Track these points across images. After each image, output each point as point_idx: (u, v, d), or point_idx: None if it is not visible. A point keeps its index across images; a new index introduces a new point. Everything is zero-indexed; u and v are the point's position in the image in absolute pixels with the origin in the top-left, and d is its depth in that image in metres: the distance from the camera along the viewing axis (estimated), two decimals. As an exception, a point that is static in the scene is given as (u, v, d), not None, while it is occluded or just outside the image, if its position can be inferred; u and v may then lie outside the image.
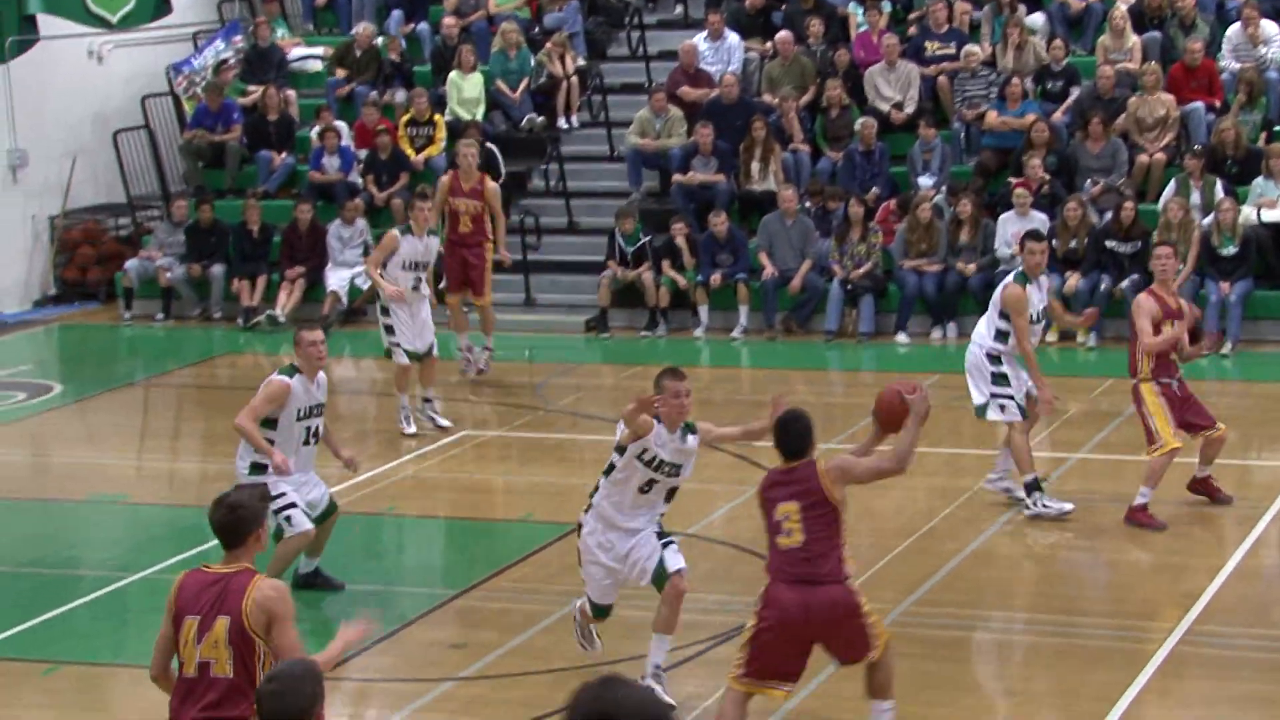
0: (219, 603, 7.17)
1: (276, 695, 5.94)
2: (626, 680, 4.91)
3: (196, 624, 7.17)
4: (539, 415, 17.00)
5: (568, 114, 23.13)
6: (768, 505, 9.14)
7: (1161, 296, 13.30)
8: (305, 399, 11.61)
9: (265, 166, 22.79)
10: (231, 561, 7.30)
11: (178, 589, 7.32)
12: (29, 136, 22.55)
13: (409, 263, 16.11)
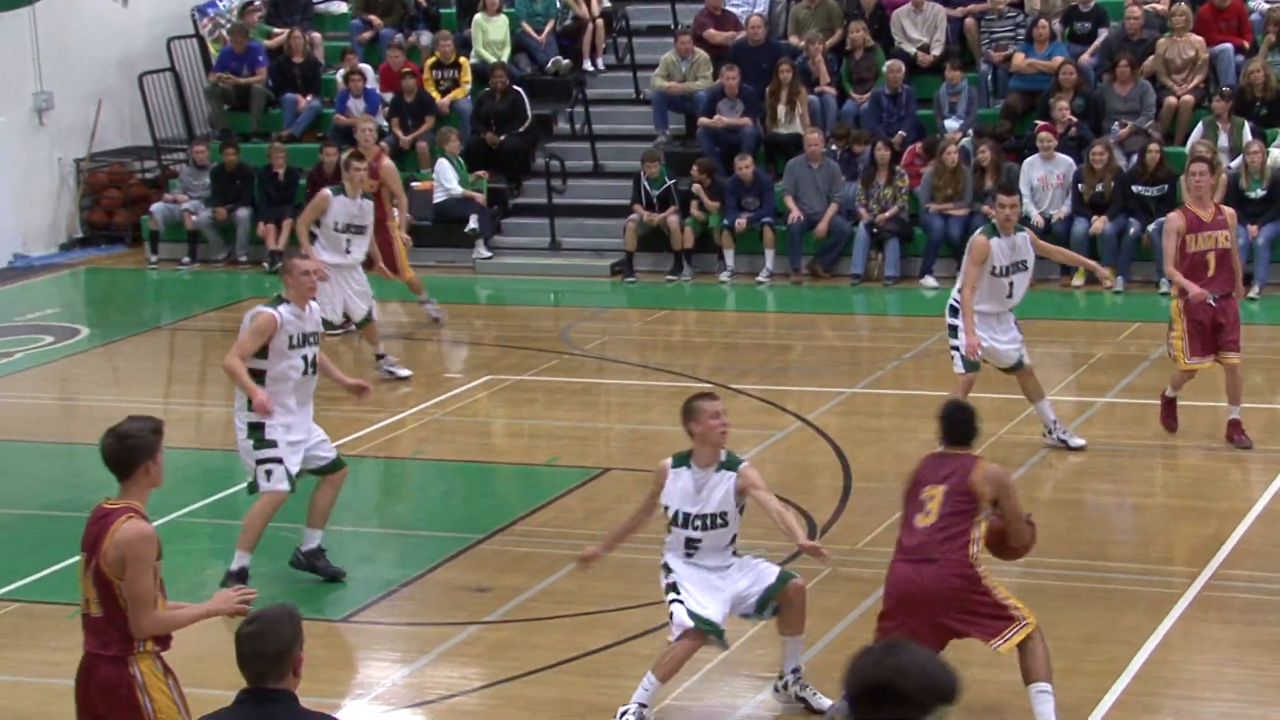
0: (94, 541, 7.18)
1: (255, 636, 5.89)
2: (909, 645, 4.68)
3: (82, 561, 7.21)
4: (564, 359, 17.01)
5: (593, 56, 23.05)
6: (916, 487, 9.00)
7: (1192, 212, 13.37)
8: (297, 326, 11.16)
9: (290, 109, 22.76)
10: (122, 497, 7.27)
11: (86, 523, 7.29)
12: (55, 80, 22.54)
13: (341, 224, 15.76)
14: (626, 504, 12.70)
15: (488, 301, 20.38)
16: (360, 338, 16.72)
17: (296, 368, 11.18)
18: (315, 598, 11.16)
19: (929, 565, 8.83)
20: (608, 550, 9.71)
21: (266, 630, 5.91)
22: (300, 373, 11.19)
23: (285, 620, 5.97)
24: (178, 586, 11.32)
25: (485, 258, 21.24)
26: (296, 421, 11.20)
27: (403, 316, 19.96)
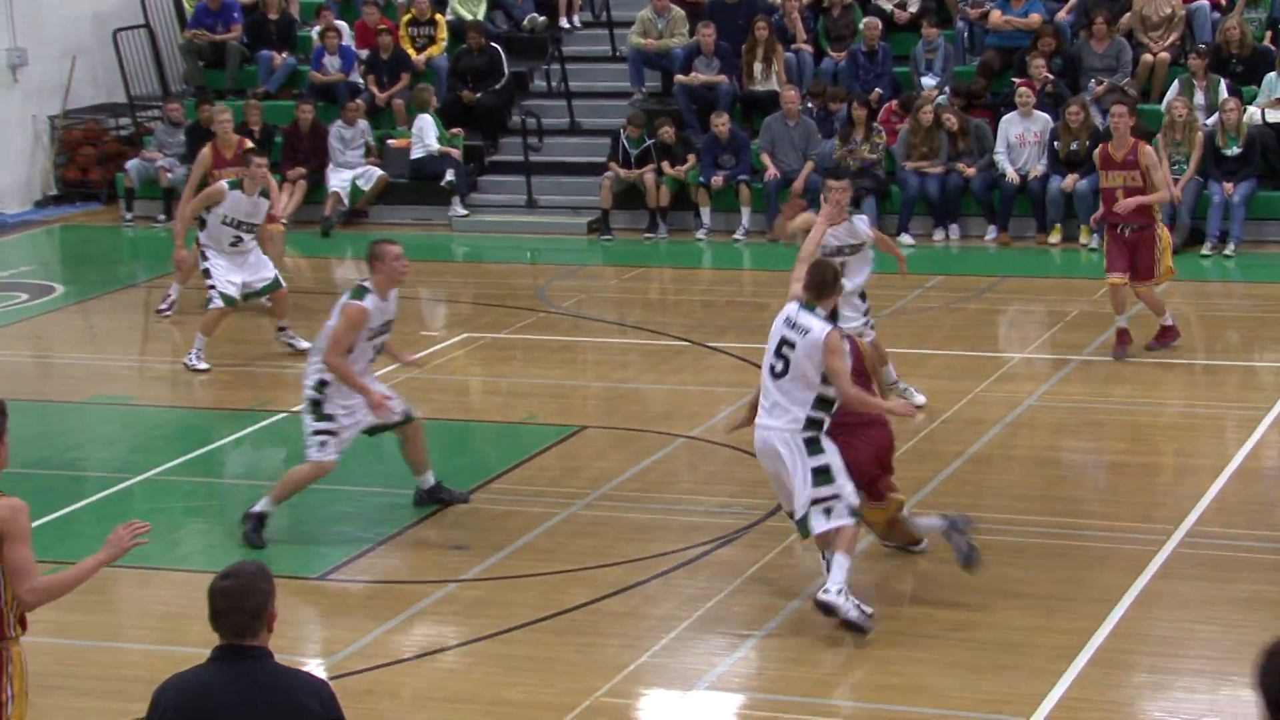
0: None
1: (231, 592, 5.85)
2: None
3: None
4: (541, 317, 17.00)
5: (569, 13, 22.98)
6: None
7: (1106, 150, 14.80)
8: (379, 317, 11.30)
9: (266, 66, 22.67)
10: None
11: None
12: (28, 35, 22.41)
13: (231, 219, 15.16)
14: (604, 461, 12.78)
15: (464, 259, 20.35)
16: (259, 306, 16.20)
17: (367, 354, 11.37)
18: (290, 556, 11.17)
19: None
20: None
21: (243, 586, 5.89)
22: (369, 360, 11.40)
23: (259, 575, 5.95)
24: (151, 545, 11.35)
25: (462, 215, 21.20)
26: (358, 403, 11.31)
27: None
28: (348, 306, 11.23)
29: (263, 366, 15.56)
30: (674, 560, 10.86)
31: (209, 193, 15.27)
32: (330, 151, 21.42)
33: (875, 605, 9.83)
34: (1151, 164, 14.63)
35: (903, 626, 9.85)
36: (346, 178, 21.31)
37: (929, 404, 13.54)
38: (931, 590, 10.34)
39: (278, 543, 11.32)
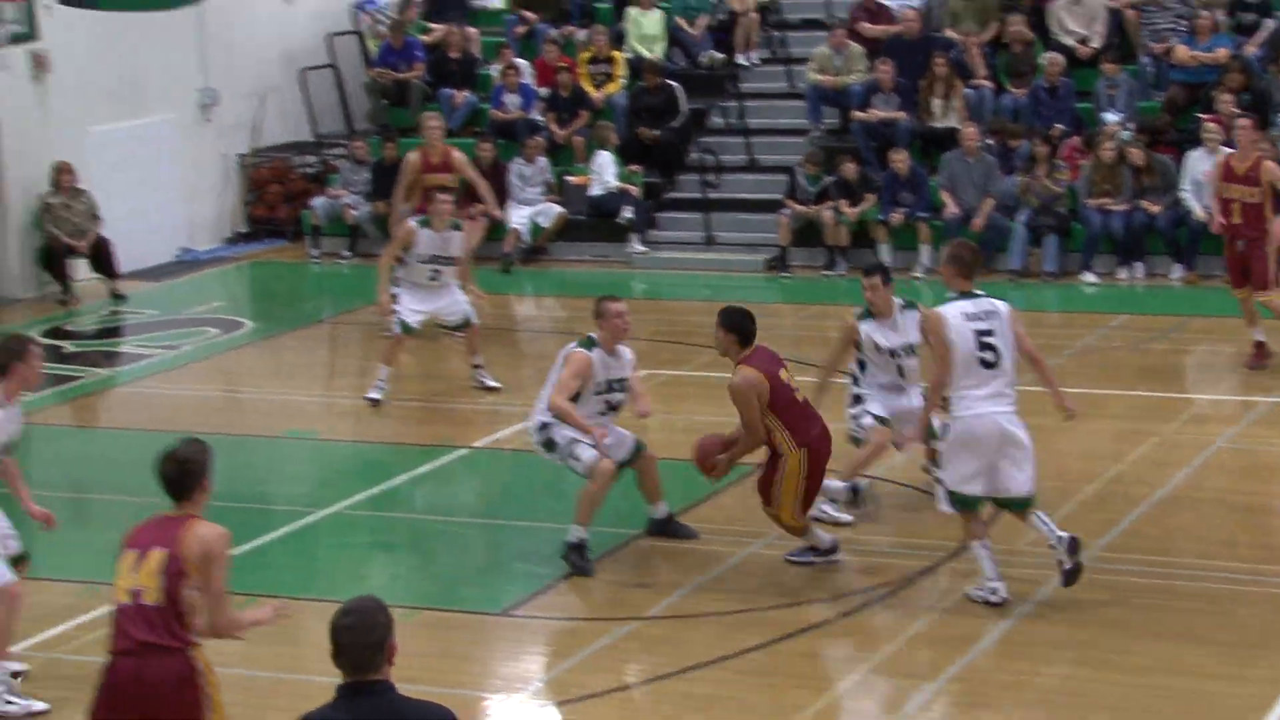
0: (164, 538, 7.33)
1: (353, 629, 5.96)
2: None
3: (134, 555, 7.34)
4: (718, 355, 16.97)
5: (747, 50, 23.04)
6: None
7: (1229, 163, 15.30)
8: (605, 372, 11.46)
9: (447, 104, 22.97)
10: (181, 510, 7.46)
11: (129, 531, 7.49)
12: (219, 76, 22.93)
13: (427, 255, 15.29)
14: (783, 501, 12.72)
15: (642, 296, 20.41)
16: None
17: (594, 407, 11.47)
18: (474, 592, 11.28)
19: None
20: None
21: (364, 621, 6.00)
22: (598, 413, 11.47)
23: (378, 610, 6.05)
24: (337, 579, 11.54)
25: (640, 252, 21.32)
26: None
27: (559, 311, 20.11)
28: (573, 354, 11.43)
29: (450, 402, 15.74)
30: (854, 601, 10.81)
31: (401, 238, 15.44)
32: (510, 188, 21.66)
33: (1065, 651, 9.71)
34: (1275, 179, 15.00)
35: (1090, 674, 9.72)
36: (526, 215, 21.53)
37: (1116, 447, 13.36)
38: (1120, 637, 10.19)
39: (460, 579, 11.43)
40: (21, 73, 19.96)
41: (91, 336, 18.99)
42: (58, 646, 10.58)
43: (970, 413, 10.28)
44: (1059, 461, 13.17)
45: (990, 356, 10.27)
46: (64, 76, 20.67)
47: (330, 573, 11.88)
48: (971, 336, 10.31)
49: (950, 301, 10.56)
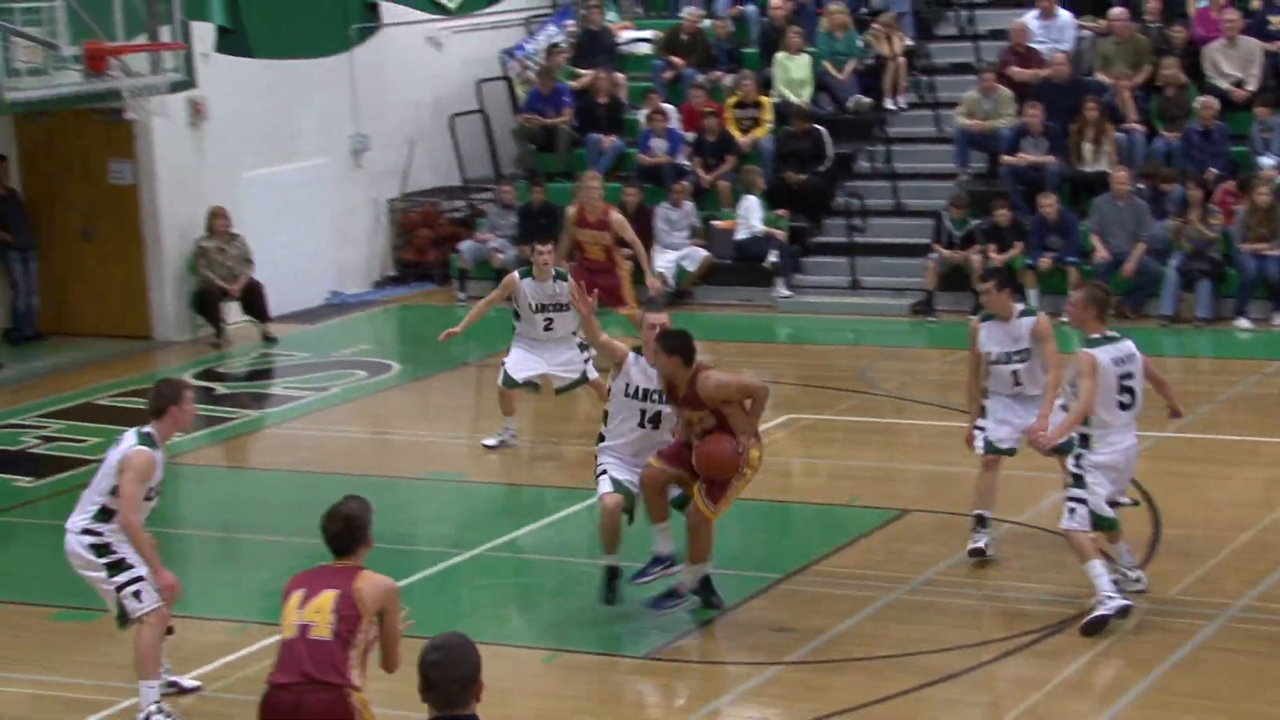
0: (336, 579, 7.64)
1: (443, 664, 6.07)
2: None
3: (302, 595, 7.61)
4: (864, 399, 16.94)
5: (895, 95, 22.98)
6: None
7: None
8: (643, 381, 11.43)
9: (594, 149, 23.12)
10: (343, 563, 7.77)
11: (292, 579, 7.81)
12: (370, 122, 23.25)
13: (536, 304, 15.25)
14: (926, 545, 12.65)
15: (787, 340, 20.41)
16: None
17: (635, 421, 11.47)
18: (616, 635, 11.29)
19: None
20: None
21: (451, 657, 6.11)
22: (637, 424, 11.44)
23: (468, 646, 6.18)
24: (479, 621, 11.60)
25: (785, 296, 21.29)
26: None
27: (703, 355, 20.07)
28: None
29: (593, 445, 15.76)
30: (1001, 648, 10.69)
31: (504, 285, 15.32)
32: (656, 233, 21.74)
33: (1215, 702, 9.52)
34: None
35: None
36: (672, 259, 21.59)
37: (1269, 495, 13.12)
38: (1273, 689, 9.98)
39: (604, 621, 11.45)
40: (179, 119, 20.36)
41: (242, 378, 19.29)
42: (209, 684, 10.72)
43: (1110, 446, 10.85)
44: (1210, 510, 12.97)
45: (1128, 399, 10.86)
46: (220, 123, 21.07)
47: (473, 614, 11.95)
48: (1115, 381, 10.78)
49: (1097, 345, 10.87)
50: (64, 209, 20.97)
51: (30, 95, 13.51)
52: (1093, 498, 10.85)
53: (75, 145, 20.77)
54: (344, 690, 7.50)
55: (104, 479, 9.98)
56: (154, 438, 9.94)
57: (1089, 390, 10.67)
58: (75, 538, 10.05)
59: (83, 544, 10.02)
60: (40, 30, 13.39)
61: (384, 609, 7.64)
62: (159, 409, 9.98)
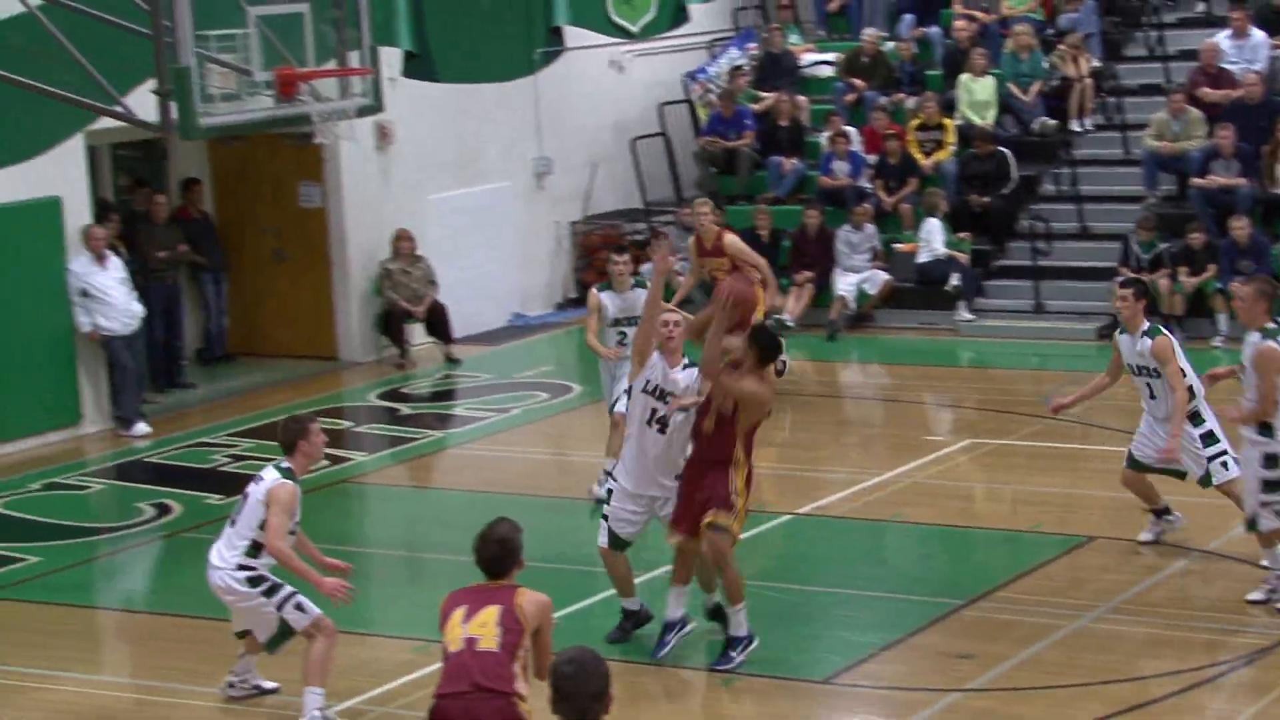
0: (498, 596, 7.85)
1: (576, 677, 6.19)
2: None
3: (465, 611, 7.79)
4: (1048, 424, 16.72)
5: (1081, 116, 22.69)
6: None
7: None
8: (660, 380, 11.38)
9: (776, 172, 23.10)
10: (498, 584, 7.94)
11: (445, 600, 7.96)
12: (553, 145, 23.43)
13: (611, 319, 14.98)
14: (1113, 574, 12.46)
15: (969, 364, 20.22)
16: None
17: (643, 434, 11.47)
18: (794, 660, 11.25)
19: None
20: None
21: (586, 671, 6.23)
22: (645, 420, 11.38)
23: (598, 659, 6.29)
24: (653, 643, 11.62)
25: (968, 320, 21.10)
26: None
27: (884, 378, 20.00)
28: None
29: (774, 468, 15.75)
30: (1191, 679, 10.49)
31: (592, 307, 15.08)
32: (837, 255, 21.66)
33: None
34: None
35: None
36: (853, 281, 21.49)
37: None
38: None
39: (783, 646, 11.40)
40: (366, 143, 20.68)
41: (426, 399, 19.51)
42: (391, 701, 10.85)
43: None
44: None
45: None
46: (406, 146, 21.37)
47: (652, 637, 11.95)
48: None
49: (1275, 336, 11.23)
50: (255, 232, 21.39)
51: (223, 120, 13.73)
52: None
53: (266, 169, 21.19)
54: (512, 699, 7.68)
55: (252, 514, 10.32)
56: (293, 472, 10.30)
57: (1269, 385, 10.98)
58: (229, 574, 10.38)
59: (237, 579, 10.36)
60: (234, 57, 13.64)
61: (541, 625, 7.85)
62: (289, 445, 10.34)
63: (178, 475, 16.35)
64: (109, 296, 17.79)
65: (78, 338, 17.85)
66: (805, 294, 21.65)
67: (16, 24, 15.28)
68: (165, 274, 19.58)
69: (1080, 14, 23.30)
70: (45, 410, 17.73)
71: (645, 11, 24.61)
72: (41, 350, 17.65)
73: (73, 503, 15.87)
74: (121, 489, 16.52)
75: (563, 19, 23.42)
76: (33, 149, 17.62)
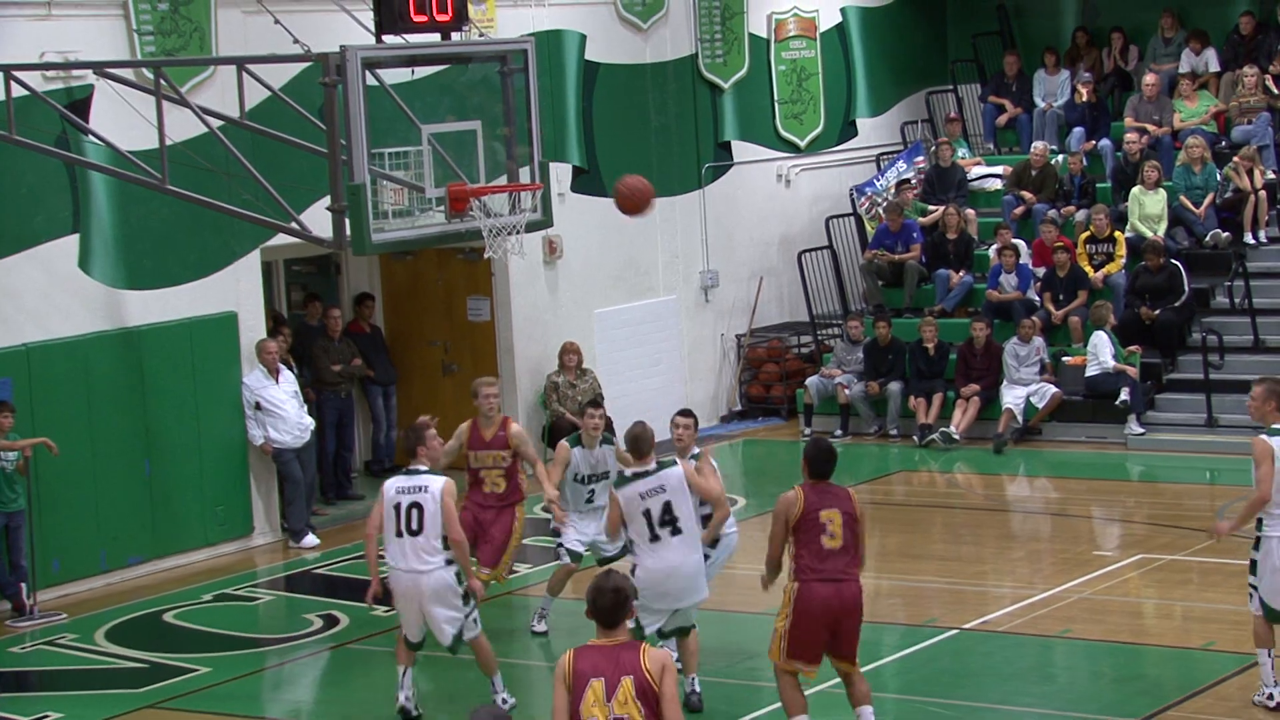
0: (620, 666, 8.06)
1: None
2: None
3: (603, 685, 8.05)
4: (1221, 540, 16.39)
5: (1254, 229, 22.40)
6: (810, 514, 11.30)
7: None
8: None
9: (943, 284, 23.03)
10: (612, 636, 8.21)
11: (572, 660, 8.16)
12: (719, 258, 23.58)
13: (581, 476, 14.48)
14: (1287, 695, 12.14)
15: (1139, 479, 19.93)
16: None
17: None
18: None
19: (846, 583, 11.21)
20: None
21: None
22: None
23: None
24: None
25: (1138, 434, 20.81)
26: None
27: (1052, 492, 19.75)
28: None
29: (940, 581, 15.61)
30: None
31: (557, 458, 14.52)
32: (1005, 368, 21.51)
33: None
34: None
35: None
36: (1021, 394, 21.32)
37: None
38: None
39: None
40: (535, 258, 20.97)
41: (592, 510, 19.54)
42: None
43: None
44: None
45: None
46: (573, 260, 21.62)
47: None
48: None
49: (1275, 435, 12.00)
50: (424, 345, 21.72)
51: (396, 236, 14.02)
52: (1263, 588, 11.81)
53: (436, 283, 21.54)
54: None
55: (437, 516, 12.12)
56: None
57: (1263, 476, 11.56)
58: (443, 572, 12.17)
59: (451, 574, 12.17)
60: (407, 174, 13.94)
61: (666, 677, 8.07)
62: (411, 451, 12.55)
63: (345, 586, 16.55)
64: (281, 410, 18.14)
65: (251, 450, 18.20)
66: (972, 407, 21.51)
67: (198, 144, 15.73)
68: (338, 387, 19.94)
69: (1254, 126, 23.07)
70: (218, 522, 18.08)
71: (814, 126, 24.78)
72: (216, 463, 18.02)
73: (243, 614, 16.13)
74: (290, 600, 16.77)
75: (731, 134, 23.65)
76: (212, 266, 18.10)
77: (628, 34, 22.35)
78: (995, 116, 25.53)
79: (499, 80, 14.32)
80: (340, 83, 13.21)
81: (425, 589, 12.18)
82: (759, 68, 24.01)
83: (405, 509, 12.22)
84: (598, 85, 21.84)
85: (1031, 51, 25.64)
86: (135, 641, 15.28)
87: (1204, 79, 23.95)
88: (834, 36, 25.09)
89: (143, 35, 17.30)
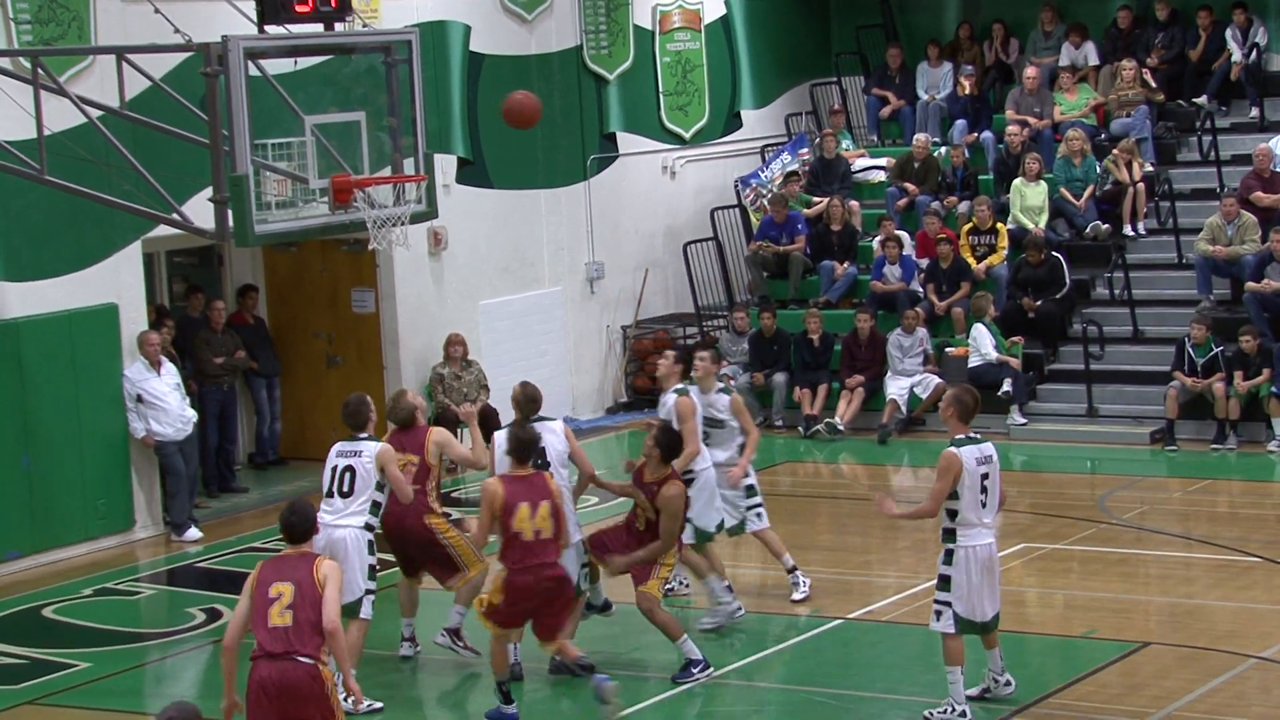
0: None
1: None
2: None
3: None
4: (1101, 528, 16.62)
5: (1134, 221, 22.68)
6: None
7: None
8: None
9: (828, 276, 23.15)
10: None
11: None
12: (605, 249, 23.57)
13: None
14: (1169, 680, 12.32)
15: (1022, 468, 20.12)
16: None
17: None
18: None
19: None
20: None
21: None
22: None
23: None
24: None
25: (1020, 424, 21.03)
26: None
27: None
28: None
29: (824, 572, 15.69)
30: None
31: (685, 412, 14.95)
32: (889, 359, 21.66)
33: None
34: None
35: None
36: (905, 385, 21.48)
37: None
38: None
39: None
40: (419, 249, 20.85)
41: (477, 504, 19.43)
42: None
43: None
44: None
45: (984, 498, 12.14)
46: (458, 251, 21.53)
47: None
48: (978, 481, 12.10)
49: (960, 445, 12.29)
50: (308, 337, 21.55)
51: (279, 227, 13.90)
52: None
53: (320, 275, 21.37)
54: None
55: (370, 478, 12.89)
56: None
57: (939, 491, 11.90)
58: (358, 532, 12.79)
59: (364, 539, 12.79)
60: (290, 165, 13.81)
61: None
62: (361, 425, 13.31)
63: (229, 580, 16.39)
64: (163, 402, 17.94)
65: (132, 443, 17.98)
66: (857, 398, 21.64)
67: (76, 134, 15.50)
68: (220, 379, 19.74)
69: (1133, 119, 23.35)
70: (99, 516, 17.84)
71: (698, 118, 24.82)
72: (96, 456, 17.78)
73: (124, 608, 15.94)
74: (172, 594, 16.60)
75: (616, 126, 23.64)
76: (92, 257, 17.85)
77: (512, 25, 22.27)
78: (878, 109, 25.68)
79: (383, 71, 14.21)
80: (222, 73, 13.05)
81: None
82: (644, 59, 24.01)
83: (340, 471, 12.99)
84: (483, 76, 21.75)
85: (914, 44, 25.82)
86: (14, 637, 15.06)
87: (1083, 72, 24.22)
88: (718, 29, 25.13)
89: (20, 24, 17.03)
